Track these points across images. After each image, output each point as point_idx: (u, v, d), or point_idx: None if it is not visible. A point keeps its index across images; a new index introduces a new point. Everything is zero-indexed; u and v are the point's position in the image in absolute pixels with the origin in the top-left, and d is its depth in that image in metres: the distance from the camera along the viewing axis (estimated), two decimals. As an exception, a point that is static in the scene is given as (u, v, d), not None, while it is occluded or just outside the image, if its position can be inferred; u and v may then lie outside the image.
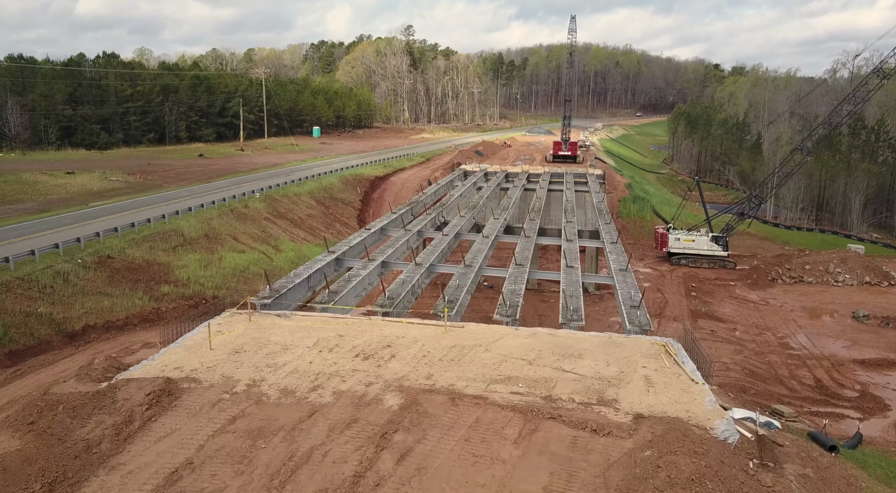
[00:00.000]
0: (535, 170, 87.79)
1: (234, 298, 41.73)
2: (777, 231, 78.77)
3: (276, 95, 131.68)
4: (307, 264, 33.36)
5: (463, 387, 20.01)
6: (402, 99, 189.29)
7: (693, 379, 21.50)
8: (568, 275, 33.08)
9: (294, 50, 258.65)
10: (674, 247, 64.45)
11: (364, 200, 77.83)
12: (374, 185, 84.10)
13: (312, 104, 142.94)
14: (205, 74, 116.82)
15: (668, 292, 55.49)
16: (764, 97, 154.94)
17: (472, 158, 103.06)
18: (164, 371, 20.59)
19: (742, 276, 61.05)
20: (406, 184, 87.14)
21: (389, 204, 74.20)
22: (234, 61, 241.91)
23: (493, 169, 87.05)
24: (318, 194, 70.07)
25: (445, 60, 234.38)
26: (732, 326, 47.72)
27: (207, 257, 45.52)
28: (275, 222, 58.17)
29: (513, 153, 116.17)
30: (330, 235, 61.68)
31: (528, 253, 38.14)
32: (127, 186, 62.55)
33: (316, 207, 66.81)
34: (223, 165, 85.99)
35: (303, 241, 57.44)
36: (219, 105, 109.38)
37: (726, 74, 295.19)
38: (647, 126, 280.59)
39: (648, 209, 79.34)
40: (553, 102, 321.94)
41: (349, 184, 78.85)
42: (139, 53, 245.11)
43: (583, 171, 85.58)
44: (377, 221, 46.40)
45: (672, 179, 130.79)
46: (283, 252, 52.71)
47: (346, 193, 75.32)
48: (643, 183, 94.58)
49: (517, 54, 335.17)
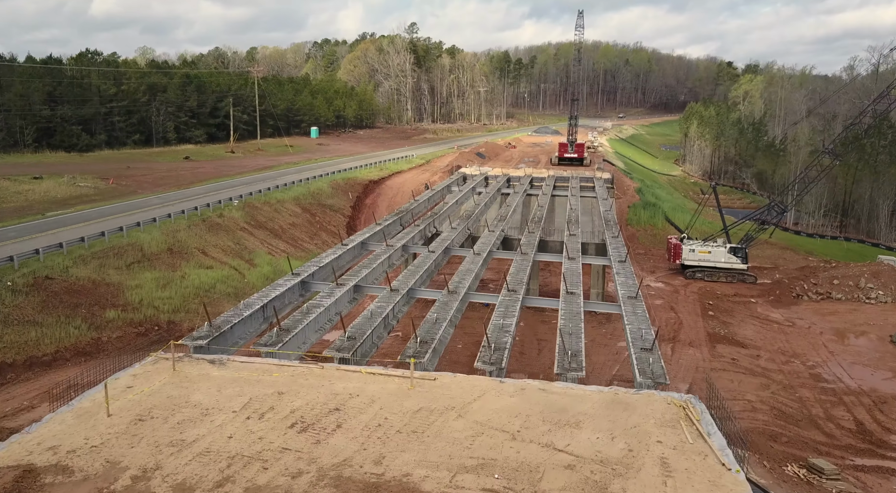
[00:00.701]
0: (539, 173, 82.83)
1: (193, 322, 37.00)
2: (799, 239, 73.37)
3: (273, 95, 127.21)
4: (264, 291, 28.63)
5: (420, 480, 15.12)
6: (406, 98, 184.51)
7: (723, 462, 16.54)
8: (568, 304, 28.16)
9: (297, 48, 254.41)
10: (688, 259, 59.29)
11: (356, 206, 73.09)
12: (367, 189, 79.36)
13: (311, 104, 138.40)
14: (195, 73, 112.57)
15: (683, 310, 50.41)
16: (780, 96, 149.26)
17: (472, 160, 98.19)
18: (32, 453, 15.80)
19: (763, 291, 55.85)
20: (402, 188, 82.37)
21: (374, 215, 69.39)
22: (237, 60, 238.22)
23: (495, 173, 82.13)
24: (304, 201, 65.40)
25: (451, 59, 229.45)
26: (755, 352, 42.61)
27: (168, 276, 40.87)
28: (252, 233, 53.51)
29: (517, 155, 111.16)
30: (314, 247, 56.97)
31: (524, 275, 33.23)
32: (96, 193, 58.08)
33: (301, 214, 62.12)
34: (209, 168, 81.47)
35: (282, 253, 52.73)
36: (210, 105, 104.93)
37: (739, 72, 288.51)
38: (658, 126, 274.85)
39: (660, 216, 74.20)
40: (561, 101, 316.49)
41: (340, 189, 74.15)
42: (141, 52, 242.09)
43: (590, 174, 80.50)
44: (357, 234, 41.65)
45: (684, 182, 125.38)
46: (258, 267, 48.03)
47: (335, 198, 70.62)
48: (654, 187, 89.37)
49: (525, 53, 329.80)
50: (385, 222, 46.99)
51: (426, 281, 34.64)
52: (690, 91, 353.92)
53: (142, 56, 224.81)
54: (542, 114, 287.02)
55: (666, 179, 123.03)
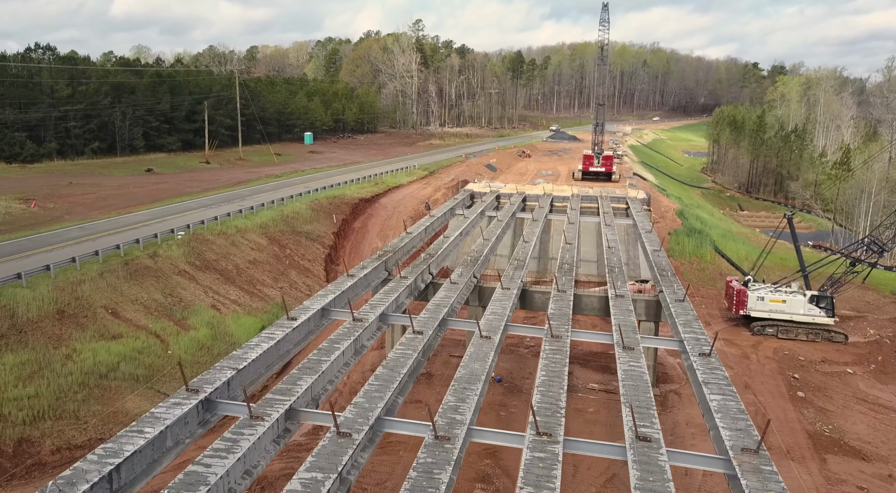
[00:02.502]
0: (561, 190, 70.14)
1: (65, 436, 24.84)
2: (881, 276, 60.17)
3: (263, 97, 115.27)
4: (125, 433, 16.05)
5: None
6: (411, 101, 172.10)
7: None
8: (646, 464, 15.50)
9: (300, 47, 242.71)
10: (756, 309, 46.35)
11: (341, 231, 60.70)
12: (356, 210, 66.97)
13: (306, 107, 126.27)
14: (168, 71, 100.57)
15: (761, 389, 37.57)
16: (821, 99, 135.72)
17: (482, 173, 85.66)
18: None
19: (859, 356, 42.88)
20: (398, 208, 69.96)
21: (347, 259, 57.06)
22: (234, 60, 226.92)
23: (508, 190, 69.48)
24: (273, 229, 53.02)
25: (461, 59, 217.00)
26: (883, 466, 29.82)
27: (43, 357, 28.58)
28: (195, 278, 41.19)
29: (532, 166, 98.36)
30: (277, 292, 44.60)
31: (557, 392, 20.45)
32: (3, 222, 45.98)
33: (266, 247, 49.75)
34: (171, 184, 69.40)
35: (233, 305, 40.37)
36: (186, 108, 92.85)
37: (765, 74, 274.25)
38: (679, 130, 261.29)
39: (708, 246, 61.29)
40: (576, 104, 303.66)
41: (322, 211, 61.80)
42: (136, 51, 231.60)
43: (621, 193, 67.75)
44: (317, 296, 29.16)
45: (719, 196, 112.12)
46: (191, 331, 35.69)
47: (315, 223, 58.26)
48: (693, 207, 76.45)
49: (538, 53, 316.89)
50: (362, 272, 34.70)
51: (402, 392, 22.06)
52: (711, 93, 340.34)
53: (139, 54, 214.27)
54: (556, 117, 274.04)
55: (699, 192, 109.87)
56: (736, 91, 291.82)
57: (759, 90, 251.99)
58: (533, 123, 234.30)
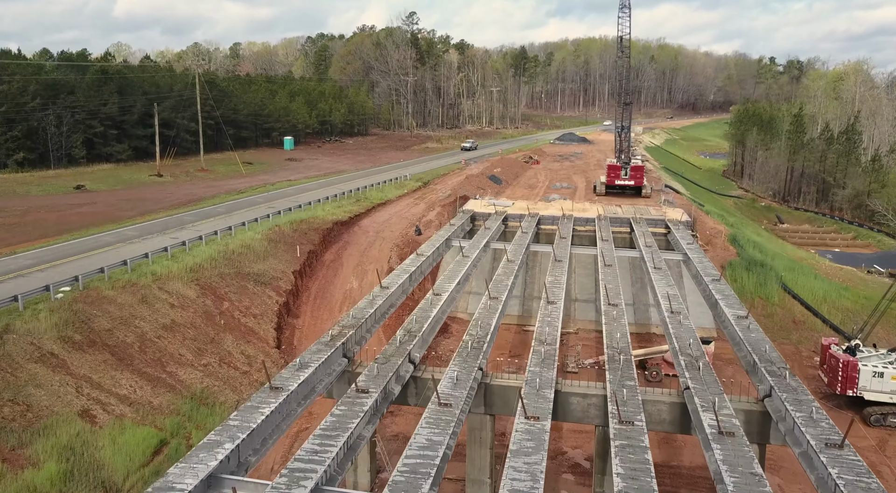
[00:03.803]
0: (583, 210, 56.97)
1: None
2: None
3: (234, 97, 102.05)
4: None
5: None
6: (406, 100, 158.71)
7: None
8: None
9: (289, 44, 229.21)
10: (872, 390, 33.20)
11: (305, 269, 47.48)
12: (329, 237, 53.80)
13: (286, 108, 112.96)
14: (117, 68, 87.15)
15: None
16: (858, 96, 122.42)
17: (484, 186, 72.46)
18: None
19: None
20: (383, 232, 56.78)
21: (310, 308, 43.74)
22: (219, 58, 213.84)
23: (516, 210, 56.29)
24: (208, 272, 39.83)
25: (460, 55, 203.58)
26: None
27: None
28: (64, 364, 28.01)
29: (542, 175, 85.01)
30: (197, 377, 31.41)
31: None
32: None
33: (194, 302, 36.57)
34: (101, 205, 56.21)
35: (119, 407, 27.16)
36: (139, 111, 79.47)
37: (781, 70, 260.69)
38: (690, 128, 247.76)
39: (773, 282, 48.02)
40: (581, 102, 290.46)
41: (284, 241, 48.61)
42: (115, 49, 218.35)
43: (657, 214, 54.62)
44: (198, 449, 15.92)
45: (753, 206, 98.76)
46: (30, 469, 22.46)
47: (270, 260, 45.05)
48: (741, 225, 63.21)
49: (541, 49, 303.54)
50: (309, 368, 21.76)
51: None
52: (720, 90, 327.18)
53: (117, 53, 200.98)
54: (561, 116, 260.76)
55: (732, 203, 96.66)
56: (750, 88, 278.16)
57: (776, 86, 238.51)
58: (536, 123, 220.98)
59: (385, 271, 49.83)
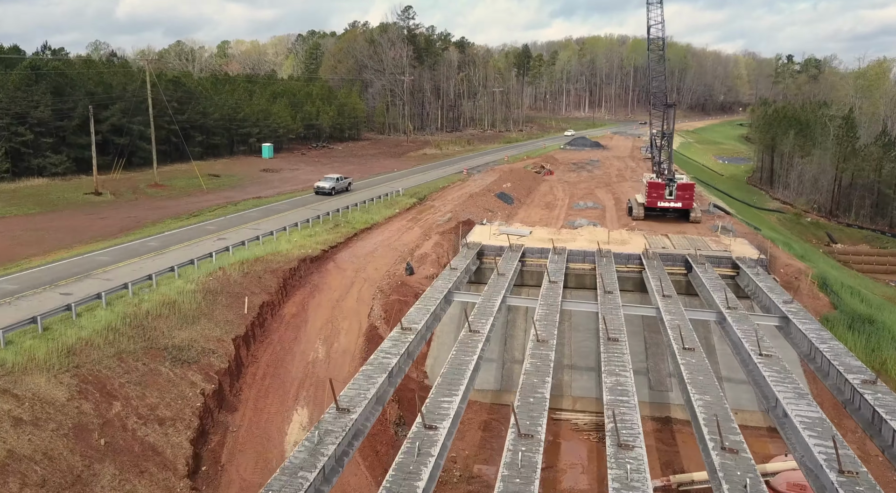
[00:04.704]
0: (621, 242, 44.33)
1: None
2: None
3: (203, 99, 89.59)
4: None
5: None
6: (402, 101, 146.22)
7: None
8: None
9: (279, 42, 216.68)
10: None
11: (251, 333, 34.93)
12: (292, 281, 41.32)
13: (265, 111, 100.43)
14: (54, 64, 74.55)
15: None
16: None
17: (492, 206, 59.86)
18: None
19: None
20: (364, 271, 44.30)
21: (254, 398, 30.77)
22: (204, 57, 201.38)
23: (536, 241, 43.73)
24: (98, 353, 27.44)
25: (460, 53, 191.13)
26: None
27: None
28: None
29: (560, 190, 72.35)
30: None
31: None
32: None
33: (60, 410, 24.13)
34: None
35: None
36: (81, 115, 66.86)
37: (798, 69, 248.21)
38: (702, 130, 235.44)
39: (891, 347, 35.45)
40: (587, 103, 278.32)
41: (227, 291, 36.11)
42: (92, 48, 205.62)
43: (720, 249, 42.17)
44: None
45: (798, 222, 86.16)
46: None
47: (201, 324, 32.57)
48: (815, 257, 50.71)
49: (544, 48, 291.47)
50: None
51: None
52: (731, 91, 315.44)
53: (95, 52, 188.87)
54: (566, 118, 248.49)
55: (775, 218, 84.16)
56: (764, 87, 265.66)
57: (794, 86, 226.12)
58: (541, 125, 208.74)
59: (364, 332, 37.30)
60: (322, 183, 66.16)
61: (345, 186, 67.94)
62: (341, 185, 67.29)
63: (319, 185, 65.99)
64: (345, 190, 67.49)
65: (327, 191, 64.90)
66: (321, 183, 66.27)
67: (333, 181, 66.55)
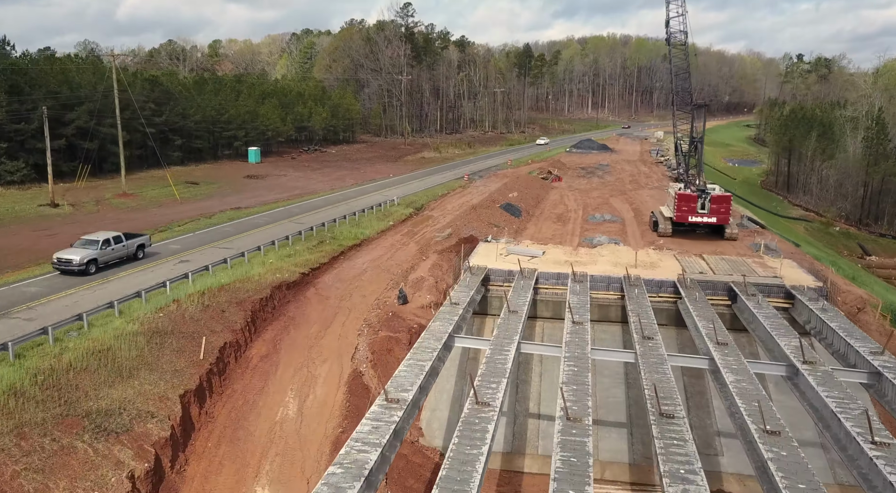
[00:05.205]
0: (651, 265, 37.86)
1: None
2: None
3: (184, 99, 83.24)
4: None
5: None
6: (400, 102, 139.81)
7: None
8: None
9: (273, 41, 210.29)
10: None
11: (206, 385, 28.52)
12: (262, 313, 34.90)
13: (252, 112, 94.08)
14: (11, 62, 68.02)
15: None
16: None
17: (497, 218, 53.37)
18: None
19: None
20: (349, 298, 37.93)
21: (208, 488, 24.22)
22: (195, 57, 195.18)
23: (550, 264, 37.13)
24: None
25: (460, 53, 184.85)
26: None
27: None
28: None
29: (571, 199, 65.84)
30: None
31: None
32: None
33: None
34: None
35: None
36: (40, 116, 60.38)
37: (808, 68, 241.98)
38: (709, 132, 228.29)
39: None
40: (590, 104, 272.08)
41: (179, 331, 29.72)
42: (81, 47, 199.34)
43: (768, 274, 35.89)
44: None
45: (827, 232, 79.76)
46: None
47: (140, 376, 26.18)
48: (869, 282, 44.59)
49: (546, 48, 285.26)
50: None
51: None
52: (736, 91, 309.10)
53: (84, 51, 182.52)
54: (569, 119, 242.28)
55: (802, 228, 77.78)
56: (771, 87, 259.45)
57: (804, 86, 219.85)
58: (543, 127, 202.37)
59: (346, 380, 30.83)
60: (66, 254, 35.89)
61: (122, 255, 38.33)
62: (113, 253, 37.54)
63: (60, 256, 35.88)
64: (129, 258, 38.83)
65: (75, 268, 35.26)
66: (63, 254, 36.02)
67: (94, 249, 36.28)
